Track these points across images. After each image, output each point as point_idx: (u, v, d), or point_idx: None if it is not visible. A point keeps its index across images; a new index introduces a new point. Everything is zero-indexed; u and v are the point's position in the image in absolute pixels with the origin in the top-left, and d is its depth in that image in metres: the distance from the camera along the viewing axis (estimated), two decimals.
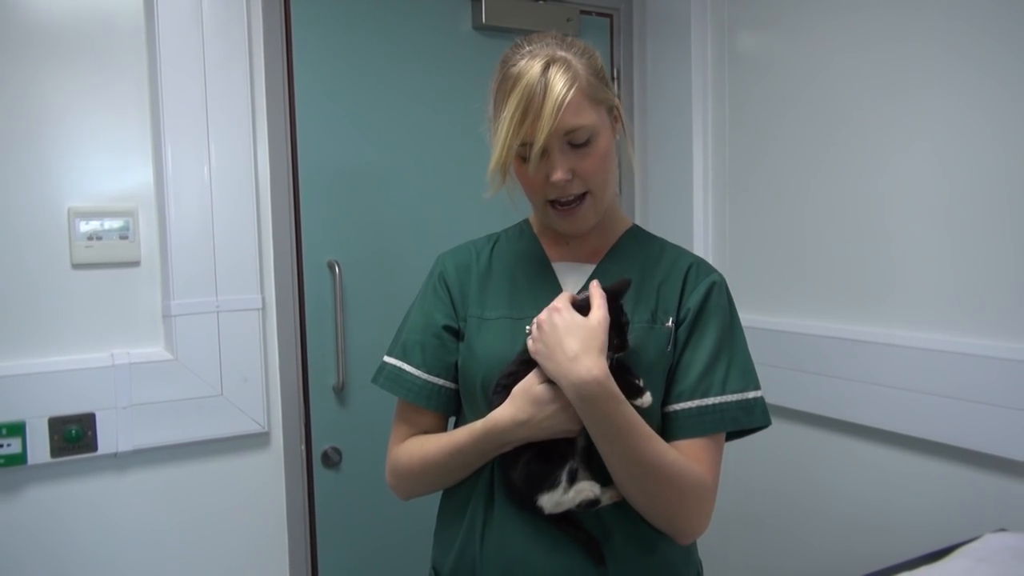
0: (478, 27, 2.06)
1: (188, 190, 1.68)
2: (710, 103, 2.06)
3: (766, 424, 1.06)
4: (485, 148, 1.06)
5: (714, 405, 1.03)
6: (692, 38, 2.05)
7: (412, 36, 1.99)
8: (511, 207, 1.11)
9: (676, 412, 1.04)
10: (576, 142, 1.00)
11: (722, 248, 2.04)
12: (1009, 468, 1.41)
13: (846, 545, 1.72)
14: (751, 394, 1.05)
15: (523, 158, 1.01)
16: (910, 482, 1.59)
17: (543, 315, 0.97)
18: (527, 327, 1.01)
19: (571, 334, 0.94)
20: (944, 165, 1.51)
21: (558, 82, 0.97)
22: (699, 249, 2.05)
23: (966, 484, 1.48)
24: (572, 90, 0.97)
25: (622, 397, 0.94)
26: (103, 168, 1.64)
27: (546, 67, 0.98)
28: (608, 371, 0.93)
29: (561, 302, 0.98)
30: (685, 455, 1.01)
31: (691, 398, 1.03)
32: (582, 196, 1.04)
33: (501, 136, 0.98)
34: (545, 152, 1.00)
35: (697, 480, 1.00)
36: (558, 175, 1.00)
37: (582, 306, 0.98)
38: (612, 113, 1.06)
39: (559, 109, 0.96)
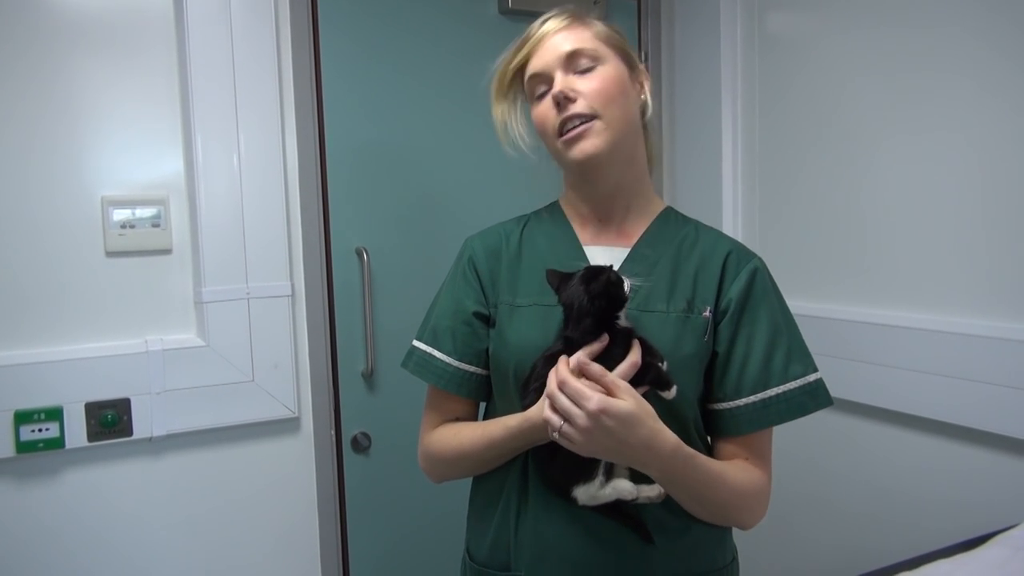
0: (504, 11, 2.05)
1: (218, 179, 1.69)
2: (739, 86, 2.03)
3: (830, 404, 1.04)
4: None
5: (779, 395, 1.01)
6: (721, 20, 2.02)
7: (438, 21, 1.98)
8: (541, 176, 1.15)
9: (739, 408, 1.02)
10: (579, 68, 1.02)
11: (752, 232, 2.02)
12: None
13: (882, 532, 1.70)
14: (811, 377, 1.03)
15: (534, 96, 1.05)
16: (947, 469, 1.56)
17: (587, 422, 0.86)
18: (553, 431, 0.91)
19: (626, 428, 0.88)
20: (979, 148, 1.48)
21: (560, 15, 1.04)
22: (727, 233, 2.02)
23: (1004, 471, 1.45)
24: (572, 20, 1.04)
25: (695, 451, 0.95)
26: (135, 157, 1.66)
27: (555, 14, 1.06)
28: (676, 437, 0.92)
29: (593, 394, 0.87)
30: (743, 451, 1.02)
31: (754, 392, 1.01)
32: (590, 119, 1.01)
33: (499, 64, 1.09)
34: (549, 84, 1.03)
35: (754, 486, 1.02)
36: (557, 88, 1.01)
37: (581, 334, 0.94)
38: (629, 62, 1.06)
39: (556, 31, 1.03)
